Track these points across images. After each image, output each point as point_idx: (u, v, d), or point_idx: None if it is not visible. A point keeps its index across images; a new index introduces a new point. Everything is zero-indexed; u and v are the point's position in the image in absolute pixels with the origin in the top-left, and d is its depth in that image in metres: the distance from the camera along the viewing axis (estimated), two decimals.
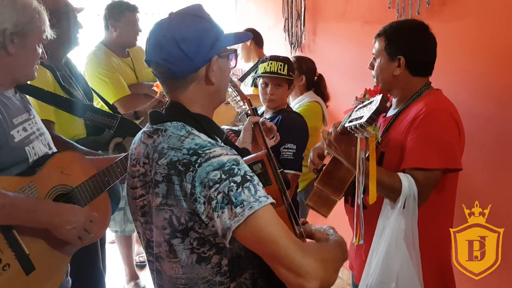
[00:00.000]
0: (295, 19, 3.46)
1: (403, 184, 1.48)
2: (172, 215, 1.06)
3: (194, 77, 1.13)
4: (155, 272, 1.21)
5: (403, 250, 1.50)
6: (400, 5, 2.49)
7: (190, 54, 1.08)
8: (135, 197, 1.19)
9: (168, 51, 1.09)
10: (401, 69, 1.64)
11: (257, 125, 1.54)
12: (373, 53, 1.73)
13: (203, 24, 1.12)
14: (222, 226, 0.98)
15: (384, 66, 1.68)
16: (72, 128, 2.06)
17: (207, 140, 1.07)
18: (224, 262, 1.10)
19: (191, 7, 1.16)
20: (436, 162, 1.52)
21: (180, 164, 1.03)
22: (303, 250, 0.97)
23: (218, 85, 1.16)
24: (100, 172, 1.64)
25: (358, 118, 1.30)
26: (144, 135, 1.18)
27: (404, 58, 1.63)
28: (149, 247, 1.20)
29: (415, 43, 1.65)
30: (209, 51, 1.11)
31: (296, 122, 2.33)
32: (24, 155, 1.45)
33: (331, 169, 1.70)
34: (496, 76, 2.08)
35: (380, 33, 1.71)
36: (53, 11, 2.00)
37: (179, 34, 1.08)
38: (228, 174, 0.99)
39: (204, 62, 1.12)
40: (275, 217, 0.99)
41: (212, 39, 1.11)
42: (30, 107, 1.61)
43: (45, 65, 1.98)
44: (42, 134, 1.59)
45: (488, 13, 2.09)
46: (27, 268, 1.39)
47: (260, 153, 1.21)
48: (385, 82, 1.69)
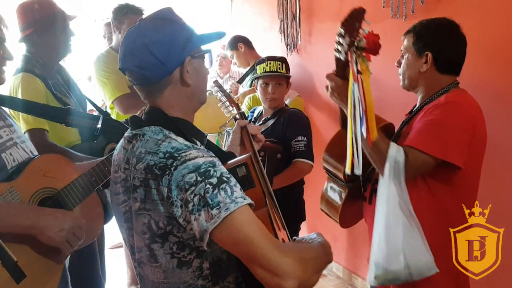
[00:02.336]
0: (291, 20, 3.45)
1: (390, 148, 1.50)
2: (151, 220, 1.06)
3: (168, 81, 1.12)
4: (139, 277, 1.21)
5: (402, 219, 1.50)
6: (394, 4, 2.49)
7: (162, 58, 1.08)
8: (118, 203, 1.18)
9: (140, 57, 1.09)
10: (428, 66, 1.63)
11: (245, 129, 1.54)
12: (401, 51, 1.72)
13: (172, 26, 1.11)
14: (200, 229, 0.97)
15: (411, 62, 1.67)
16: (66, 135, 2.05)
17: (184, 143, 1.06)
18: (205, 266, 1.10)
19: (161, 11, 1.16)
20: (431, 148, 1.50)
21: (156, 168, 1.02)
22: (281, 249, 0.96)
23: (195, 86, 1.16)
24: (86, 172, 1.60)
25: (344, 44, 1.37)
26: (125, 141, 1.18)
27: (431, 54, 1.61)
28: (133, 253, 1.20)
29: (443, 39, 1.63)
30: (181, 53, 1.11)
31: (301, 117, 2.50)
32: (1, 162, 1.41)
33: (337, 138, 1.75)
34: (491, 74, 2.08)
35: (409, 30, 1.70)
36: (45, 18, 2.00)
37: (149, 39, 1.08)
38: (203, 176, 0.98)
39: (177, 64, 1.11)
40: (252, 217, 0.98)
41: (183, 40, 1.11)
42: (5, 116, 1.58)
43: (37, 74, 1.97)
44: (23, 142, 1.56)
45: (482, 11, 2.08)
46: (17, 276, 1.35)
47: (245, 156, 1.22)
48: (412, 78, 1.67)
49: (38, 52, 2.04)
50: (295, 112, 2.50)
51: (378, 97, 2.66)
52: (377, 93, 2.71)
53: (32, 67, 1.97)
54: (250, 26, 3.68)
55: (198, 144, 1.18)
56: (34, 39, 2.02)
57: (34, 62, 2.01)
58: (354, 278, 3.17)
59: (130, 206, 1.12)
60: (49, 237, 1.37)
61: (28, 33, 2.00)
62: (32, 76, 1.95)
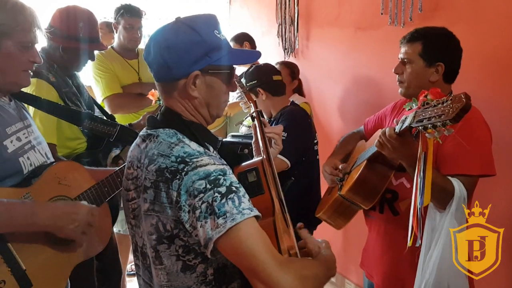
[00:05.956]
0: (289, 24, 3.47)
1: (454, 187, 1.49)
2: (159, 221, 1.06)
3: (174, 86, 1.13)
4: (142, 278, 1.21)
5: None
6: (392, 11, 2.51)
7: (170, 63, 1.08)
8: (128, 199, 1.19)
9: (153, 54, 1.10)
10: (438, 75, 1.64)
11: (261, 130, 1.51)
12: (402, 58, 1.70)
13: (193, 37, 1.09)
14: (205, 236, 0.97)
15: (420, 71, 1.66)
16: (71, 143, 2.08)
17: (196, 149, 1.07)
18: (209, 272, 1.10)
19: (198, 17, 1.14)
20: (477, 169, 1.55)
21: (167, 171, 1.03)
22: (282, 265, 0.96)
23: (203, 100, 1.14)
24: (99, 182, 1.59)
25: (432, 118, 1.24)
26: (139, 139, 1.19)
27: (444, 64, 1.63)
28: (137, 251, 1.20)
29: (453, 50, 1.66)
30: (190, 65, 1.09)
31: (293, 114, 2.40)
32: (18, 167, 1.40)
33: (364, 177, 1.67)
34: (488, 80, 2.09)
35: (412, 37, 1.67)
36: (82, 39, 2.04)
37: (164, 42, 1.09)
38: (213, 184, 0.99)
39: (183, 75, 1.10)
40: (256, 230, 0.98)
41: (198, 54, 1.09)
42: (26, 116, 1.56)
43: (50, 81, 1.97)
44: (39, 143, 1.55)
45: (480, 19, 2.11)
46: (23, 285, 1.34)
47: (257, 160, 1.20)
48: (419, 87, 1.61)
49: (56, 58, 2.05)
50: (291, 110, 2.43)
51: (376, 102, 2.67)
52: (374, 98, 2.73)
53: (47, 73, 1.97)
54: (248, 30, 3.69)
55: (210, 149, 1.18)
56: (59, 48, 2.03)
57: (49, 66, 2.01)
58: (348, 283, 3.16)
59: (139, 204, 1.13)
60: (68, 233, 1.36)
61: (59, 42, 2.02)
62: (46, 83, 1.95)
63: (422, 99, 1.37)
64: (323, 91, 3.28)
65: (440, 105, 1.23)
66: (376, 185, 1.67)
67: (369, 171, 1.67)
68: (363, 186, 1.67)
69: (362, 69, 2.90)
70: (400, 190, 1.72)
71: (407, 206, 1.67)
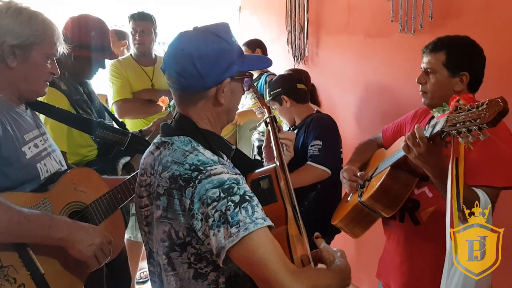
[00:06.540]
0: (298, 32, 3.48)
1: (480, 198, 1.47)
2: (171, 229, 1.07)
3: (203, 95, 1.13)
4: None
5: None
6: (403, 19, 2.50)
7: (203, 73, 1.09)
8: (141, 206, 1.20)
9: (182, 65, 1.09)
10: (463, 85, 1.63)
11: (275, 135, 1.51)
12: (425, 68, 1.68)
13: (223, 45, 1.11)
14: (217, 245, 0.98)
15: (444, 81, 1.63)
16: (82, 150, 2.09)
17: (210, 158, 1.07)
18: (221, 280, 1.10)
19: (217, 25, 1.16)
20: (502, 181, 1.52)
21: (181, 179, 1.03)
22: (294, 275, 0.96)
23: (227, 107, 1.17)
24: (113, 188, 1.62)
25: (467, 122, 1.22)
26: (153, 146, 1.20)
27: (468, 74, 1.61)
28: (151, 257, 1.21)
29: (478, 60, 1.64)
30: (222, 73, 1.11)
31: (323, 121, 2.38)
32: (35, 172, 1.43)
33: (386, 185, 1.64)
34: (498, 88, 2.07)
35: (435, 46, 1.66)
36: (94, 48, 2.06)
37: (196, 51, 1.08)
38: (227, 193, 0.99)
39: (216, 83, 1.12)
40: (269, 240, 0.98)
41: (228, 61, 1.11)
42: (41, 124, 1.60)
43: (62, 90, 1.99)
44: (54, 151, 1.58)
45: (490, 26, 2.09)
46: None
47: (270, 167, 1.20)
48: (443, 97, 1.57)
49: (67, 66, 2.07)
50: (320, 117, 2.41)
51: (386, 110, 2.66)
52: (385, 105, 2.72)
53: (58, 81, 1.99)
54: (258, 37, 3.71)
55: (224, 158, 1.18)
56: (71, 57, 2.05)
57: (61, 74, 2.03)
58: None
59: (152, 211, 1.13)
60: (79, 251, 1.36)
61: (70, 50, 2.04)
62: (57, 91, 1.97)
63: (454, 103, 1.34)
64: (333, 98, 3.27)
65: (475, 109, 1.22)
66: (399, 193, 1.64)
67: (392, 178, 1.64)
68: (385, 193, 1.65)
69: (372, 76, 2.89)
70: (422, 200, 1.69)
71: (428, 216, 1.66)
